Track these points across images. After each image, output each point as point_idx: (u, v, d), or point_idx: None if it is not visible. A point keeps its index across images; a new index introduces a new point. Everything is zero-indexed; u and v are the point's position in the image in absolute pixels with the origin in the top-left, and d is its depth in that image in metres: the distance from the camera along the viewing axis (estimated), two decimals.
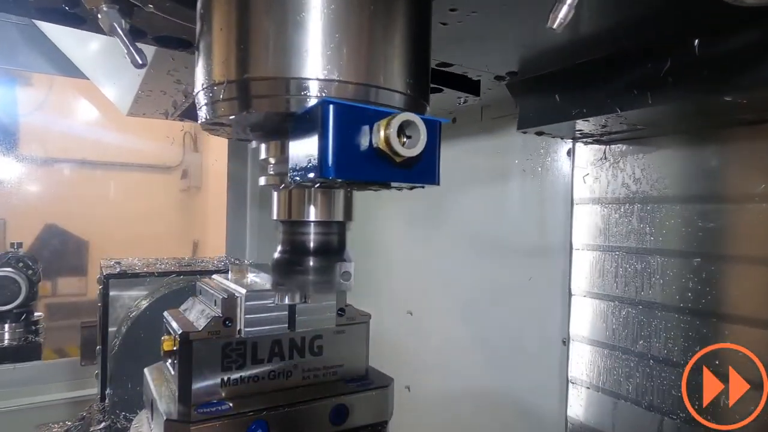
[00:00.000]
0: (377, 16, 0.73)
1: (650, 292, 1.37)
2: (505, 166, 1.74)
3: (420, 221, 2.10)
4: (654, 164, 1.38)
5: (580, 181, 1.54)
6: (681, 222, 1.32)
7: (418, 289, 2.10)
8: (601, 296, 1.49)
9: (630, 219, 1.43)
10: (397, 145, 0.64)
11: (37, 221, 3.69)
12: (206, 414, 0.98)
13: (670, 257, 1.34)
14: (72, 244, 3.87)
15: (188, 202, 4.34)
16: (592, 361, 1.51)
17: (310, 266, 0.86)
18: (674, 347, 1.31)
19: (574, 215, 1.55)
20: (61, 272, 3.82)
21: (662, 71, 1.03)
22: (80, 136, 3.83)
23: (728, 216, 1.24)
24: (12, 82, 3.48)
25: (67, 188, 3.83)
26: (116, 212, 3.97)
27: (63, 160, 3.80)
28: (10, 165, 3.47)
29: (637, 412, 1.38)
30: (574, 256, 1.54)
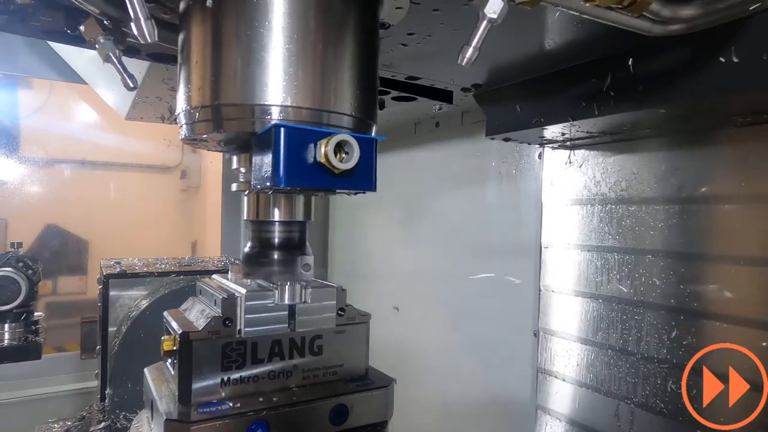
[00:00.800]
0: (328, 51, 0.86)
1: (608, 288, 1.46)
2: (483, 168, 1.84)
3: (405, 221, 2.18)
4: (612, 168, 1.47)
5: (549, 185, 1.63)
6: (635, 221, 1.41)
7: (404, 286, 2.18)
8: (567, 291, 1.57)
9: (591, 219, 1.51)
10: (334, 160, 0.78)
11: (37, 221, 3.66)
12: (206, 414, 0.96)
13: (626, 254, 1.43)
14: (72, 244, 3.85)
15: (187, 202, 4.31)
16: (558, 352, 1.59)
17: (275, 259, 1.02)
18: (629, 337, 1.40)
19: (544, 216, 1.64)
20: (61, 271, 3.80)
21: (605, 86, 1.13)
22: (80, 138, 3.81)
23: (677, 216, 1.32)
24: (13, 85, 3.46)
25: (67, 189, 3.80)
26: (116, 212, 3.95)
27: (63, 161, 3.77)
28: (12, 166, 3.45)
29: (597, 398, 1.47)
30: (544, 254, 1.63)
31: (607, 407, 1.44)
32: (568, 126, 1.29)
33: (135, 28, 0.79)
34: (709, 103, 1.02)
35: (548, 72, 1.29)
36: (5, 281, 1.66)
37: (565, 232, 1.57)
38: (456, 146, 1.94)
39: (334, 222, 2.72)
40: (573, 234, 1.54)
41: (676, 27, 0.86)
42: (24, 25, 1.06)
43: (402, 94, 1.52)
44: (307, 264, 1.02)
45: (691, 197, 1.29)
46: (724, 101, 1.02)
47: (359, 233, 2.50)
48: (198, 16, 0.87)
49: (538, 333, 1.64)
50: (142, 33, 0.79)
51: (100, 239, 3.87)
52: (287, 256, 1.02)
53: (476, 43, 0.77)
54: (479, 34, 0.76)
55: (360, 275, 2.43)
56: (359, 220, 2.51)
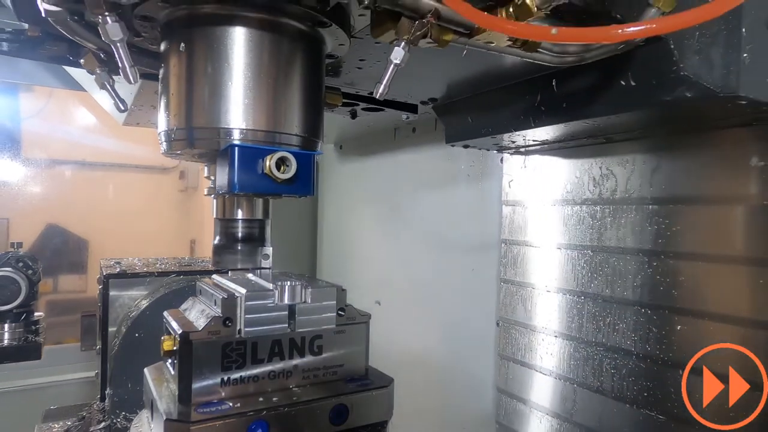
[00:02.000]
0: (279, 83, 1.02)
1: (555, 281, 1.58)
2: (454, 170, 1.97)
3: (386, 220, 2.30)
4: (559, 172, 1.58)
5: (507, 186, 1.75)
6: (578, 220, 1.52)
7: (385, 281, 2.30)
8: (522, 284, 1.69)
9: (544, 218, 1.63)
10: (276, 171, 0.97)
11: (38, 221, 3.63)
12: (206, 414, 0.93)
13: (569, 250, 1.54)
14: (72, 243, 3.82)
15: (186, 202, 4.29)
16: (516, 339, 1.69)
17: (239, 249, 1.15)
18: (578, 325, 1.50)
19: (504, 214, 1.75)
20: (61, 270, 3.78)
21: (536, 102, 1.26)
22: (80, 140, 3.78)
23: (608, 214, 1.44)
24: (14, 88, 3.44)
25: (67, 189, 3.78)
26: (115, 212, 3.94)
27: (63, 162, 3.75)
28: (13, 167, 3.42)
29: (549, 381, 1.58)
30: (503, 249, 1.75)
31: (560, 390, 1.56)
32: (516, 135, 1.42)
33: (122, 73, 0.96)
34: (620, 117, 1.13)
35: (494, 88, 1.42)
36: (5, 281, 1.63)
37: (520, 230, 1.70)
38: (430, 150, 2.05)
39: (322, 223, 2.77)
40: (526, 232, 1.68)
41: (570, 59, 0.98)
42: (33, 52, 1.22)
43: (370, 106, 1.67)
44: (265, 254, 1.16)
45: (627, 198, 1.42)
46: (635, 116, 1.13)
47: (345, 233, 2.58)
48: (174, 56, 1.03)
49: (500, 322, 1.75)
50: (127, 77, 0.96)
51: (100, 239, 3.85)
52: (249, 248, 1.15)
53: (386, 81, 0.93)
54: (387, 75, 0.92)
55: (346, 273, 2.52)
56: (345, 220, 2.60)
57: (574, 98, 1.17)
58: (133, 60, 0.97)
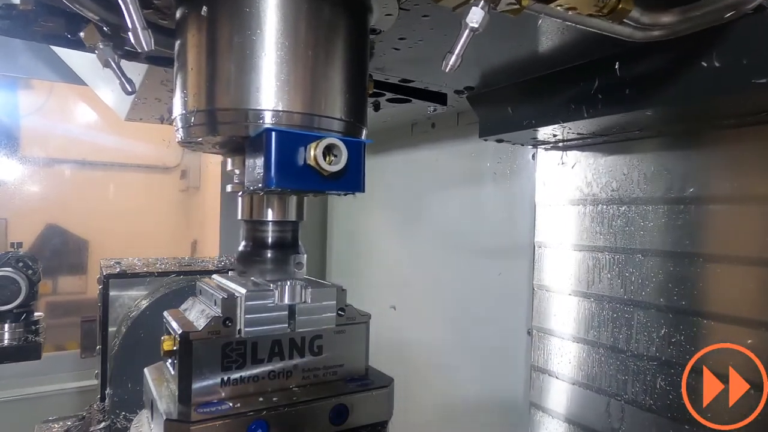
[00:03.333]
0: (318, 57, 0.88)
1: (600, 286, 1.48)
2: (479, 169, 1.85)
3: (402, 220, 2.20)
4: (603, 169, 1.49)
5: (541, 185, 1.65)
6: (626, 221, 1.42)
7: (401, 284, 2.20)
8: (558, 290, 1.59)
9: (583, 219, 1.53)
10: (323, 162, 0.82)
11: (38, 221, 3.66)
12: (206, 414, 0.95)
13: (614, 254, 1.45)
14: (72, 244, 3.84)
15: (187, 202, 4.31)
16: (551, 350, 1.60)
17: (268, 257, 1.05)
18: (619, 335, 1.42)
19: (537, 216, 1.65)
20: (61, 271, 3.79)
21: (593, 89, 1.15)
22: (80, 138, 3.80)
23: (667, 216, 1.33)
24: (13, 85, 3.46)
25: (67, 189, 3.80)
26: (116, 212, 3.95)
27: (63, 161, 3.77)
28: (12, 166, 3.44)
29: (588, 395, 1.50)
30: (537, 253, 1.65)
31: (598, 404, 1.47)
32: (559, 128, 1.32)
33: (132, 37, 0.80)
34: (694, 106, 1.04)
35: (539, 75, 1.32)
36: (5, 281, 1.65)
37: (558, 232, 1.60)
38: (452, 147, 1.95)
39: (332, 222, 2.72)
40: (566, 233, 1.57)
41: (656, 33, 0.88)
42: (26, 30, 1.07)
43: (397, 96, 1.54)
44: (299, 262, 1.07)
45: (681, 198, 1.31)
46: (710, 104, 1.04)
47: (357, 233, 2.52)
48: (193, 23, 0.89)
49: (531, 331, 1.67)
50: (139, 42, 0.80)
51: (100, 239, 3.87)
52: (280, 255, 1.06)
53: (459, 50, 0.80)
54: (461, 42, 0.78)
55: (357, 275, 2.44)
56: (357, 220, 2.52)
57: (641, 83, 1.06)
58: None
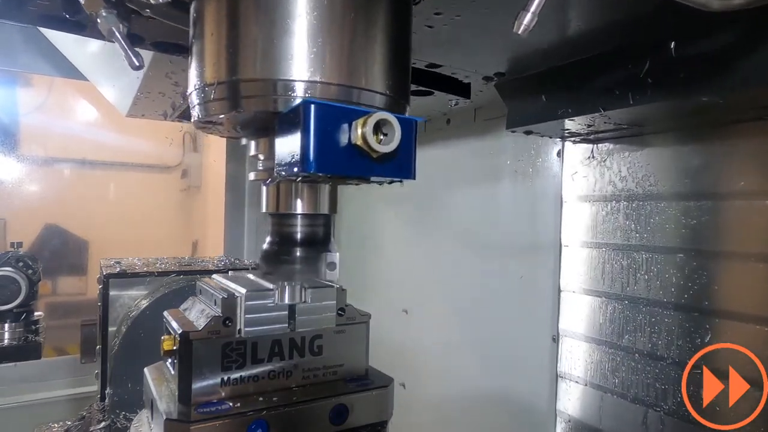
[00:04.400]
0: (359, 23, 0.78)
1: (635, 288, 1.40)
2: (498, 166, 1.76)
3: (415, 221, 2.13)
4: (639, 162, 1.41)
5: (569, 180, 1.57)
6: (666, 218, 1.35)
7: (414, 287, 2.12)
8: (588, 292, 1.52)
9: (617, 216, 1.46)
10: (373, 142, 0.69)
11: (37, 221, 3.67)
12: (206, 414, 0.97)
13: (654, 253, 1.37)
14: (72, 244, 3.85)
15: (188, 202, 4.32)
16: (580, 356, 1.53)
17: (297, 256, 0.94)
18: (658, 341, 1.34)
19: (564, 213, 1.57)
20: (61, 272, 3.80)
21: (642, 72, 1.05)
22: (80, 137, 3.81)
23: (711, 213, 1.27)
24: (12, 82, 3.47)
25: (66, 188, 3.81)
26: (116, 212, 3.95)
27: (63, 160, 3.77)
28: (11, 165, 3.45)
29: (623, 404, 1.42)
30: (564, 253, 1.57)
31: (633, 414, 1.39)
32: (598, 117, 1.22)
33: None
34: (758, 92, 0.95)
35: (576, 59, 1.21)
36: (5, 281, 1.66)
37: (587, 230, 1.53)
38: (467, 144, 1.87)
39: (341, 222, 2.62)
40: (596, 232, 1.50)
41: (737, 1, 0.74)
42: (21, 11, 1.00)
43: (419, 89, 1.43)
44: (332, 262, 0.96)
45: (724, 193, 1.24)
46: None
47: (367, 233, 2.45)
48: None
49: (557, 337, 1.60)
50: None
51: (100, 239, 3.88)
52: (311, 253, 0.95)
53: (535, 7, 0.70)
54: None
55: (368, 277, 2.38)
56: (367, 219, 2.44)
57: (700, 66, 0.96)
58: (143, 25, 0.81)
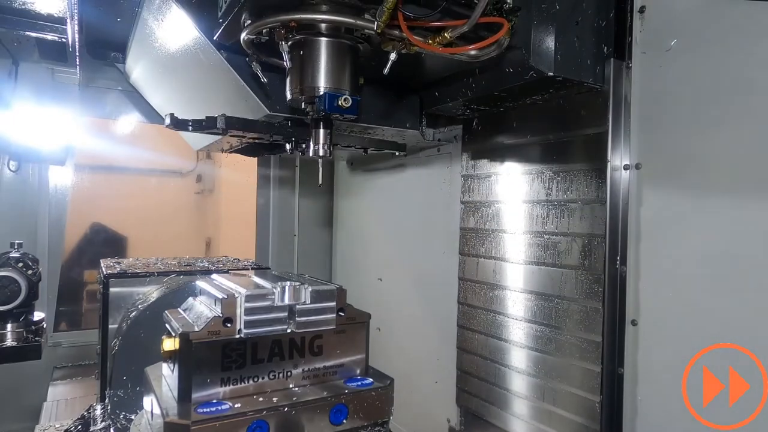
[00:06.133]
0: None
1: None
2: (432, 183, 2.41)
3: (387, 218, 2.79)
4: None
5: (465, 191, 2.13)
6: None
7: (386, 261, 2.77)
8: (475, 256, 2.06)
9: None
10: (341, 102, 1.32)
11: (85, 220, 4.01)
12: (206, 414, 0.96)
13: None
14: (114, 239, 4.19)
15: (202, 203, 4.58)
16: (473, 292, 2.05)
17: None
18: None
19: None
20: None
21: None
22: (113, 147, 3.96)
23: None
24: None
25: (106, 192, 4.10)
26: (145, 212, 4.24)
27: (99, 167, 4.04)
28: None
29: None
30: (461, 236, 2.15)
31: None
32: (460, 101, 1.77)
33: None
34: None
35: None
36: (6, 281, 1.66)
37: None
38: (416, 169, 2.53)
39: (340, 223, 3.26)
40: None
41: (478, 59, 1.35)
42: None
43: (373, 149, 2.16)
44: None
45: None
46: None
47: (357, 230, 3.09)
48: None
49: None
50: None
51: (135, 235, 4.21)
52: None
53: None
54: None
55: (356, 258, 3.05)
56: (356, 219, 3.10)
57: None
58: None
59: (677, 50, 1.35)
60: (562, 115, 1.63)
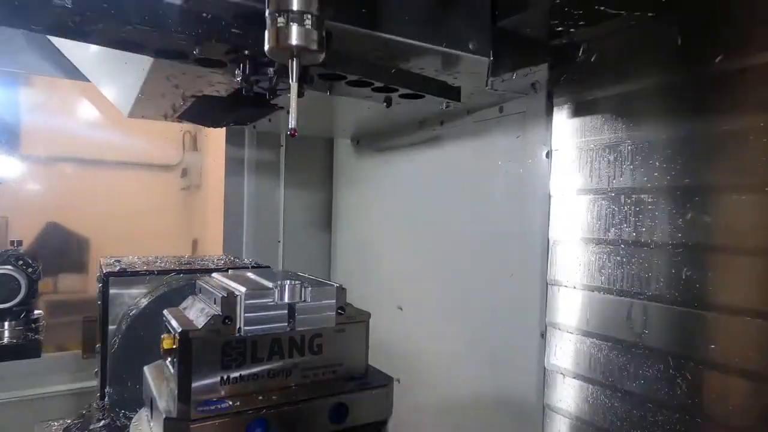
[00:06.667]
0: None
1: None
2: (489, 167, 1.68)
3: (408, 221, 2.09)
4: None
5: (557, 175, 1.45)
6: None
7: (408, 285, 2.08)
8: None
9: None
10: None
11: (38, 219, 3.67)
12: (206, 412, 0.97)
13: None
14: (73, 242, 3.86)
15: (188, 200, 4.33)
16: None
17: None
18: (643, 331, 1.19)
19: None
20: (62, 269, 3.81)
21: None
22: (81, 136, 3.82)
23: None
24: (13, 82, 3.47)
25: (68, 187, 3.82)
26: (117, 210, 3.95)
27: (64, 159, 3.78)
28: (12, 164, 3.46)
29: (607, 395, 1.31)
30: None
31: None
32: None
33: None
34: None
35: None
36: (5, 279, 1.66)
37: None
38: (461, 144, 1.82)
39: (338, 223, 2.66)
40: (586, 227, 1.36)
41: None
42: (28, 18, 1.00)
43: (409, 92, 1.38)
44: None
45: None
46: None
47: (364, 234, 2.45)
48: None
49: (545, 332, 1.46)
50: None
51: (101, 238, 3.88)
52: None
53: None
54: None
55: (364, 275, 2.38)
56: (363, 221, 2.45)
57: None
58: None
59: None
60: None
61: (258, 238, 2.59)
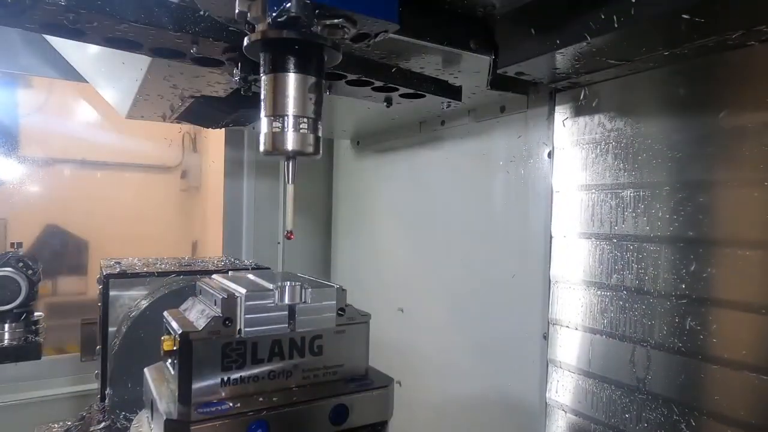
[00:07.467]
0: None
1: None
2: (491, 167, 1.69)
3: (408, 222, 2.09)
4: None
5: (559, 173, 1.47)
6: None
7: (409, 286, 2.08)
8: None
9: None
10: None
11: (37, 221, 3.68)
12: (206, 414, 0.97)
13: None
14: (72, 244, 3.86)
15: (188, 202, 4.32)
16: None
17: None
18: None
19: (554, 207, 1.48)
20: (61, 272, 3.81)
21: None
22: (80, 137, 3.81)
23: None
24: (12, 83, 3.47)
25: (67, 189, 3.80)
26: (117, 212, 3.95)
27: (63, 161, 3.77)
28: (11, 166, 3.45)
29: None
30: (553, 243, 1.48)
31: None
32: (586, 49, 1.13)
33: None
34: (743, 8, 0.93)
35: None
36: (5, 281, 1.66)
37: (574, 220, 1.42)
38: (462, 145, 1.82)
39: (337, 223, 2.67)
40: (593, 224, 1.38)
41: None
42: (23, 17, 1.00)
43: (409, 92, 1.40)
44: None
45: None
46: None
47: (363, 235, 2.45)
48: None
49: (547, 333, 1.49)
50: None
51: (101, 240, 3.88)
52: None
53: None
54: None
55: (364, 276, 2.38)
56: (363, 221, 2.45)
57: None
58: None
59: None
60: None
61: (258, 240, 2.63)
